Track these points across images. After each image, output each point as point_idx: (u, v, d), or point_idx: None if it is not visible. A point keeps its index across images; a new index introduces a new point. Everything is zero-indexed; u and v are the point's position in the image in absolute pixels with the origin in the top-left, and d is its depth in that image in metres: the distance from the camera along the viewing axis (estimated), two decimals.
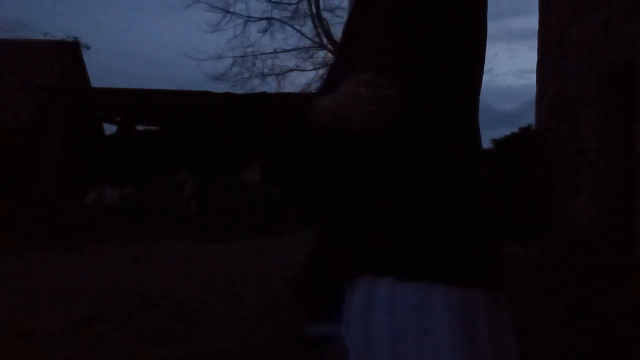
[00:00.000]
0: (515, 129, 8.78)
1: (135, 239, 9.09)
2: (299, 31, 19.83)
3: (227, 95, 14.81)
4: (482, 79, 1.07)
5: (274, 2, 19.46)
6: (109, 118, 17.20)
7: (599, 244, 6.37)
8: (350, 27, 1.10)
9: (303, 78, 44.33)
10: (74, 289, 5.49)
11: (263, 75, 19.58)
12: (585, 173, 7.21)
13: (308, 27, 20.08)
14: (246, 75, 19.45)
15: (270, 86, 19.48)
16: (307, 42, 19.89)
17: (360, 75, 0.96)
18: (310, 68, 20.29)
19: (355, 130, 0.97)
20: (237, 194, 12.87)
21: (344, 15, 19.77)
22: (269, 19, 19.55)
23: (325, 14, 19.67)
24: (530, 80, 47.86)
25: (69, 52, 17.20)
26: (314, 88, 19.60)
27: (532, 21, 47.28)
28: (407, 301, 0.94)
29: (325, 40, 19.68)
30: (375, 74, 0.96)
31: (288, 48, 20.00)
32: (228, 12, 19.35)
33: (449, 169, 0.98)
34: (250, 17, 19.56)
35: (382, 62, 0.97)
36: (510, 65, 50.41)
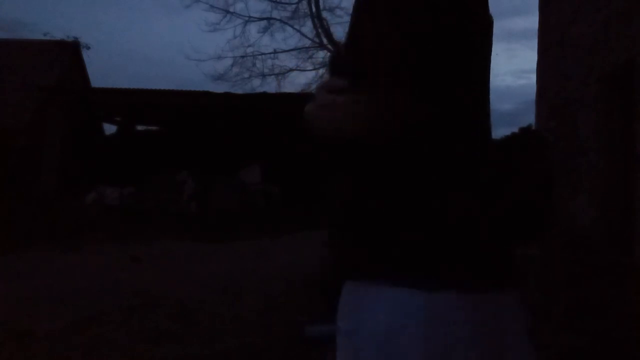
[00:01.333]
0: (515, 129, 8.79)
1: (135, 239, 9.09)
2: (298, 31, 19.83)
3: (227, 95, 14.80)
4: (487, 78, 1.06)
5: (274, 2, 19.46)
6: (109, 118, 17.19)
7: (599, 244, 6.37)
8: (352, 27, 1.09)
9: (303, 78, 44.25)
10: (74, 289, 5.48)
11: (263, 76, 19.58)
12: (585, 173, 7.20)
13: (308, 27, 20.07)
14: (246, 75, 19.45)
15: (270, 86, 19.45)
16: (307, 42, 19.89)
17: (324, 79, 0.94)
18: (310, 68, 20.25)
19: (326, 135, 0.95)
20: (237, 194, 12.86)
21: (343, 15, 19.79)
22: (268, 19, 19.55)
23: (325, 14, 19.67)
24: (529, 80, 47.91)
25: (69, 52, 17.19)
26: (313, 88, 19.55)
27: (531, 21, 47.32)
28: (382, 304, 0.93)
29: (325, 40, 19.66)
30: (337, 79, 0.94)
31: (288, 48, 19.96)
32: (228, 12, 19.34)
33: (447, 170, 0.96)
34: (250, 17, 19.56)
35: (382, 62, 0.95)
36: (510, 65, 50.44)
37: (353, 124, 0.93)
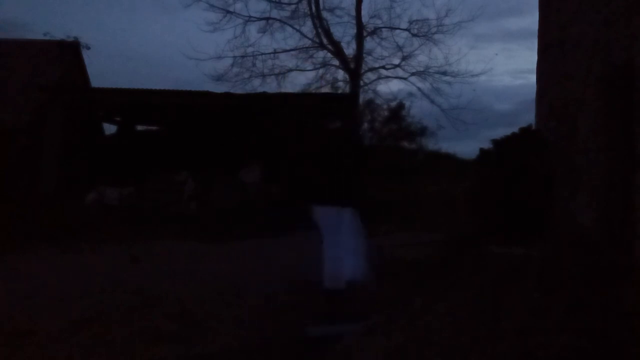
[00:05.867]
0: (513, 129, 8.78)
1: (135, 239, 9.09)
2: (298, 31, 19.75)
3: (227, 95, 14.79)
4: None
5: (274, 2, 19.41)
6: (109, 118, 17.18)
7: (599, 244, 6.37)
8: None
9: (303, 78, 44.06)
10: (74, 289, 5.49)
11: (263, 76, 19.47)
12: (585, 173, 7.20)
13: (308, 27, 19.94)
14: (246, 75, 19.34)
15: (270, 86, 19.31)
16: (307, 42, 19.81)
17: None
18: (310, 68, 20.13)
19: None
20: (237, 194, 12.86)
21: (344, 15, 19.76)
22: (268, 18, 19.48)
23: (325, 14, 19.61)
24: (527, 80, 47.66)
25: (69, 52, 17.15)
26: (313, 88, 19.57)
27: (527, 21, 46.99)
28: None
29: (325, 40, 19.62)
30: None
31: (288, 48, 19.85)
32: (227, 11, 19.25)
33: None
34: (250, 17, 19.45)
35: None
36: (507, 66, 50.27)
37: None
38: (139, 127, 17.51)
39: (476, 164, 9.24)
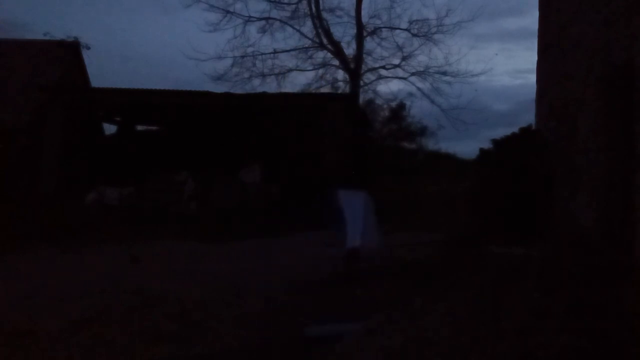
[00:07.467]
0: (513, 129, 8.78)
1: (135, 239, 9.09)
2: (298, 31, 19.77)
3: (227, 95, 14.80)
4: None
5: (274, 2, 19.43)
6: (109, 118, 17.19)
7: (599, 244, 6.37)
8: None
9: (303, 78, 43.99)
10: (74, 289, 5.49)
11: (263, 76, 19.50)
12: (585, 173, 7.20)
13: (308, 27, 19.98)
14: (246, 75, 19.37)
15: (270, 86, 19.37)
16: (307, 42, 19.84)
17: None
18: (310, 68, 20.17)
19: None
20: (237, 194, 12.87)
21: (343, 15, 19.78)
22: (268, 19, 19.50)
23: (325, 14, 19.63)
24: (526, 80, 47.56)
25: (69, 52, 17.17)
26: (313, 88, 19.58)
27: (526, 21, 47.04)
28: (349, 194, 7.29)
29: (325, 40, 19.65)
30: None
31: (288, 48, 19.87)
32: (228, 11, 19.28)
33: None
34: (250, 17, 19.47)
35: None
36: (506, 66, 50.25)
37: None
38: (139, 127, 17.53)
39: (476, 164, 9.24)
